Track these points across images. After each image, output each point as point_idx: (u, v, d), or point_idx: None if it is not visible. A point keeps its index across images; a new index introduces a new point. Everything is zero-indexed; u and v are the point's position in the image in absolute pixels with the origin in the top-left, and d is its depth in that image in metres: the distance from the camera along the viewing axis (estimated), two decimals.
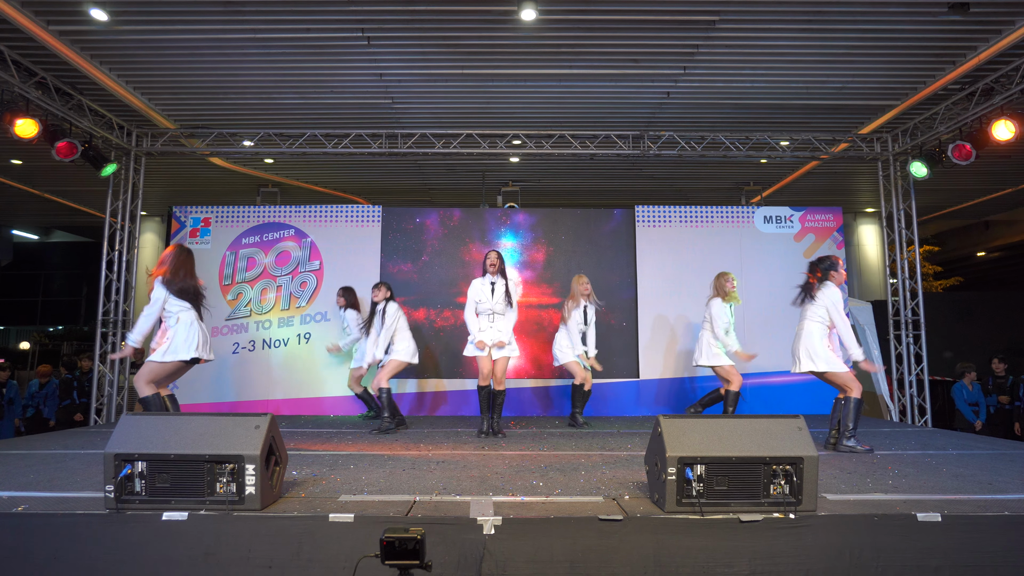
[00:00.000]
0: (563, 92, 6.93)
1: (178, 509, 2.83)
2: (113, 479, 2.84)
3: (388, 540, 2.04)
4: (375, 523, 2.74)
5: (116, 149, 7.60)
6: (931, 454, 4.74)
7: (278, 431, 3.16)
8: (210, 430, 2.96)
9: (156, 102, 7.18)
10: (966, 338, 9.32)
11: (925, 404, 7.60)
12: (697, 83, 6.68)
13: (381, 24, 5.58)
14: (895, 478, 3.79)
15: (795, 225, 8.31)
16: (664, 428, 2.96)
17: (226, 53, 6.07)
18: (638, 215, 8.28)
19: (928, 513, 2.85)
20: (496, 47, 6.01)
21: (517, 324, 6.00)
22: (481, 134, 7.80)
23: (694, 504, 2.85)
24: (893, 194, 8.02)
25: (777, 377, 7.91)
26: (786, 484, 2.88)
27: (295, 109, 7.34)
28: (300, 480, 3.67)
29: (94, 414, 7.36)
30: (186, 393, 7.79)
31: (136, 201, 7.88)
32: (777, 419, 3.05)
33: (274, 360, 7.88)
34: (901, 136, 7.78)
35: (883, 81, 6.60)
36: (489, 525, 2.76)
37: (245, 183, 9.64)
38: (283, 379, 7.86)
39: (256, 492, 2.88)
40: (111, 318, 7.58)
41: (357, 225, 8.22)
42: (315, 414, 7.68)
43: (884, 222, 8.25)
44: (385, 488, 3.47)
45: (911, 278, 7.91)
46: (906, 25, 5.55)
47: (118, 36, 5.73)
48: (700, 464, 2.88)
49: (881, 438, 5.67)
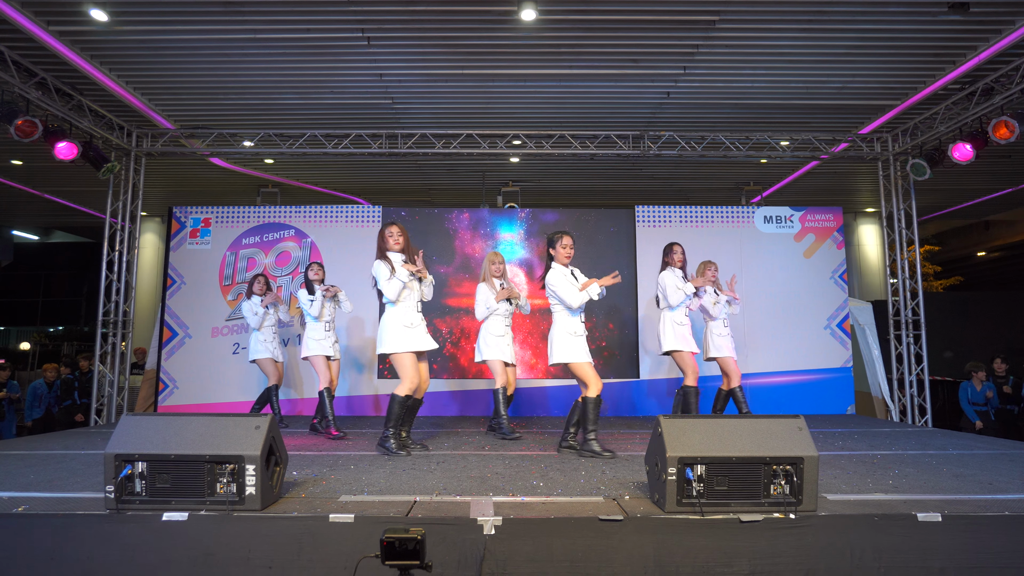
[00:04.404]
0: (563, 92, 6.93)
1: (178, 509, 2.83)
2: (113, 479, 2.84)
3: (388, 540, 2.04)
4: (375, 523, 2.74)
5: (116, 149, 7.60)
6: (931, 454, 4.74)
7: (278, 431, 3.16)
8: (210, 431, 2.96)
9: (156, 102, 7.18)
10: (966, 338, 9.31)
11: (925, 404, 7.60)
12: (697, 83, 6.68)
13: (381, 24, 5.58)
14: (895, 478, 3.78)
15: (795, 225, 8.31)
16: (664, 428, 2.96)
17: (226, 53, 6.07)
18: (638, 215, 8.28)
19: (928, 513, 2.84)
20: (496, 47, 6.00)
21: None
22: (481, 134, 7.80)
23: (694, 504, 2.85)
24: (893, 194, 8.01)
25: (777, 377, 7.91)
26: (786, 484, 2.88)
27: (295, 109, 7.34)
28: (300, 480, 3.67)
29: (94, 414, 7.36)
30: (188, 393, 7.82)
31: (136, 201, 7.88)
32: (777, 419, 3.05)
33: None
34: (901, 136, 7.77)
35: (883, 81, 6.60)
36: (489, 525, 2.76)
37: (245, 183, 9.64)
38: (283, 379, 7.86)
39: (256, 492, 2.88)
40: (111, 318, 7.58)
41: (357, 225, 8.22)
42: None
43: (884, 222, 8.25)
44: (385, 488, 3.47)
45: (911, 278, 7.91)
46: (906, 25, 5.55)
47: (118, 36, 5.73)
48: (700, 464, 2.87)
49: (882, 438, 5.67)
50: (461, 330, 8.04)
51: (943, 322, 9.08)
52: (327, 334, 5.94)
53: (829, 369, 7.97)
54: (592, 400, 4.51)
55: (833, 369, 7.97)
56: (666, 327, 5.60)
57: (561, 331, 4.62)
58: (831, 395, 7.91)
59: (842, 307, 8.12)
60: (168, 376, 7.85)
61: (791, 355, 7.98)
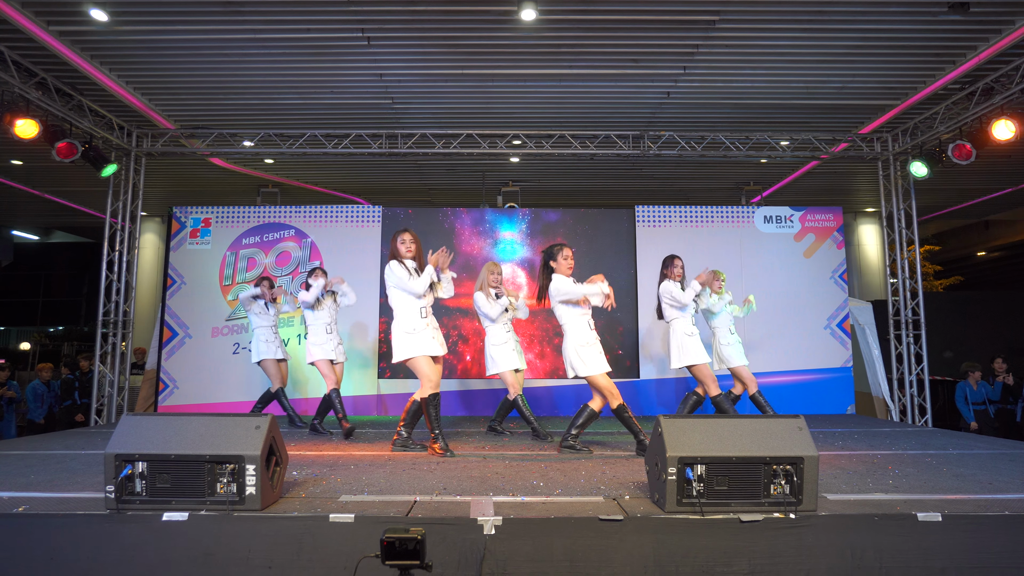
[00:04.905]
0: (563, 92, 6.93)
1: (178, 509, 2.83)
2: (113, 479, 2.84)
3: (388, 540, 2.04)
4: (375, 523, 2.74)
5: (116, 149, 7.60)
6: (931, 454, 4.73)
7: (278, 431, 3.16)
8: (210, 430, 2.96)
9: (156, 102, 7.18)
10: (966, 338, 9.31)
11: (925, 404, 7.60)
12: (697, 83, 6.68)
13: (381, 24, 5.58)
14: (895, 478, 3.78)
15: (795, 225, 8.31)
16: (664, 428, 2.96)
17: (226, 53, 6.07)
18: (638, 215, 8.28)
19: (929, 513, 2.84)
20: (496, 47, 6.00)
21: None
22: (481, 134, 7.79)
23: (694, 504, 2.85)
24: (893, 194, 8.01)
25: (777, 377, 7.91)
26: (786, 484, 2.88)
27: (295, 109, 7.34)
28: (300, 480, 3.67)
29: (94, 414, 7.36)
30: (188, 393, 7.82)
31: (136, 202, 7.88)
32: (777, 419, 3.05)
33: None
34: (901, 136, 7.77)
35: (883, 81, 6.59)
36: (489, 525, 2.76)
37: (245, 183, 9.64)
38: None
39: (256, 492, 2.88)
40: (111, 319, 7.58)
41: (357, 225, 8.22)
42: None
43: (884, 222, 8.25)
44: (385, 488, 3.47)
45: (911, 278, 7.91)
46: (906, 25, 5.55)
47: (118, 36, 5.73)
48: (700, 464, 2.87)
49: (882, 438, 5.67)
50: (460, 331, 8.04)
51: (943, 322, 9.08)
52: (329, 336, 5.95)
53: (829, 369, 7.97)
54: (618, 408, 4.60)
55: (833, 369, 7.97)
56: (675, 340, 5.50)
57: (573, 343, 4.62)
58: (831, 395, 7.91)
59: (842, 307, 8.12)
60: (168, 376, 7.85)
61: (791, 355, 7.98)
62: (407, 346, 4.61)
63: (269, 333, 6.36)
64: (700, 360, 5.42)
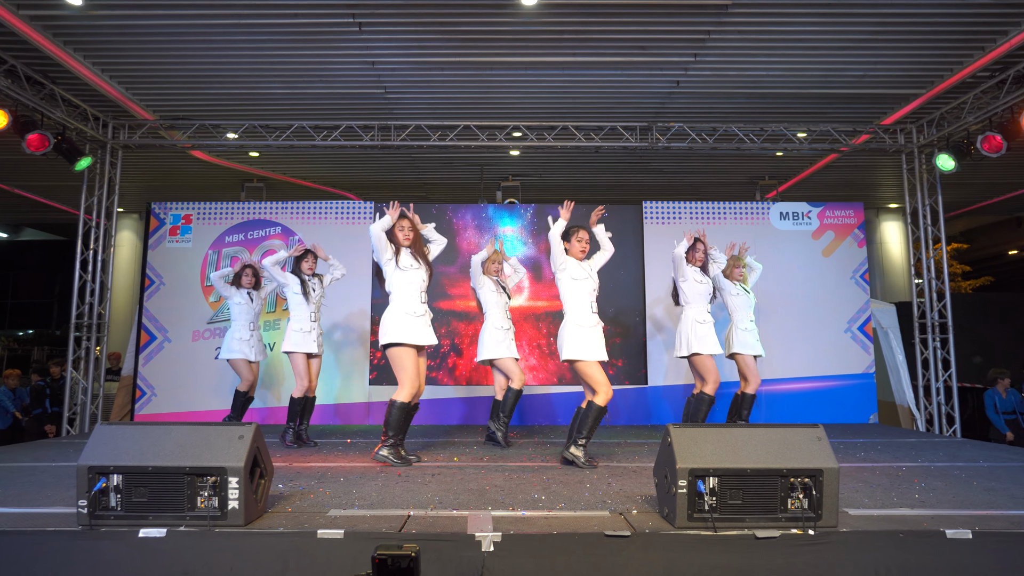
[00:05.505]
0: (566, 81, 6.93)
1: (156, 525, 2.82)
2: (86, 493, 2.84)
3: (380, 558, 2.04)
4: (367, 539, 2.73)
5: (91, 142, 7.60)
6: (960, 466, 4.73)
7: (263, 442, 3.16)
8: (191, 441, 2.96)
9: (134, 92, 7.18)
10: (997, 342, 9.31)
11: (954, 413, 7.59)
12: (709, 71, 6.68)
13: (373, 9, 5.59)
14: (922, 492, 3.78)
15: (813, 222, 8.31)
16: (674, 438, 2.95)
17: (208, 40, 6.07)
18: (646, 211, 8.28)
19: (958, 530, 2.84)
20: (495, 33, 6.01)
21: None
22: (479, 126, 7.80)
23: (706, 519, 2.84)
24: (918, 189, 8.01)
25: (795, 384, 7.91)
26: (805, 498, 2.87)
27: (282, 99, 7.35)
28: (287, 494, 3.67)
29: (66, 424, 7.36)
30: (167, 401, 7.82)
31: (112, 197, 7.88)
32: (795, 428, 3.04)
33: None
34: (927, 127, 7.77)
35: (907, 68, 6.59)
36: (488, 541, 2.76)
37: (228, 178, 9.64)
38: (268, 386, 7.86)
39: (239, 507, 2.88)
40: (85, 321, 7.57)
41: (348, 222, 8.23)
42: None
43: (908, 218, 8.25)
44: (377, 502, 3.46)
45: (938, 278, 7.91)
46: (932, 8, 5.54)
47: (93, 22, 5.73)
48: (713, 476, 2.87)
49: (907, 449, 5.66)
50: (459, 333, 8.04)
51: (972, 325, 9.08)
52: (313, 325, 5.84)
53: (850, 375, 7.96)
54: (597, 408, 4.49)
55: (854, 375, 7.96)
56: (686, 326, 5.50)
57: (571, 323, 4.58)
58: (852, 403, 7.91)
59: (864, 309, 8.12)
60: (145, 383, 7.84)
61: (809, 360, 7.97)
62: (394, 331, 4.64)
63: (245, 331, 6.08)
64: (707, 350, 5.38)
